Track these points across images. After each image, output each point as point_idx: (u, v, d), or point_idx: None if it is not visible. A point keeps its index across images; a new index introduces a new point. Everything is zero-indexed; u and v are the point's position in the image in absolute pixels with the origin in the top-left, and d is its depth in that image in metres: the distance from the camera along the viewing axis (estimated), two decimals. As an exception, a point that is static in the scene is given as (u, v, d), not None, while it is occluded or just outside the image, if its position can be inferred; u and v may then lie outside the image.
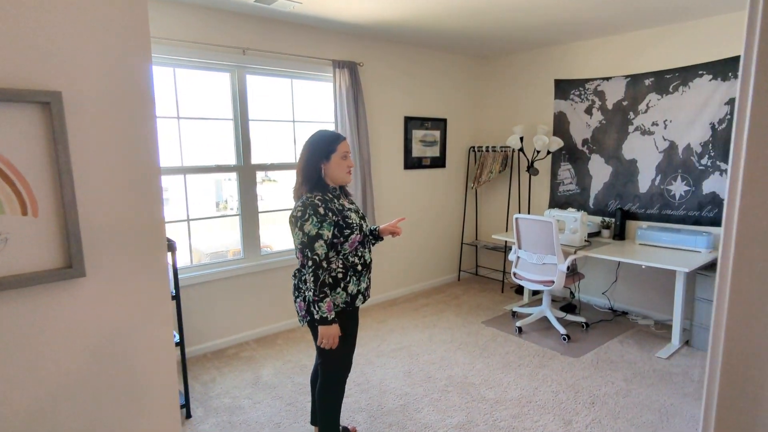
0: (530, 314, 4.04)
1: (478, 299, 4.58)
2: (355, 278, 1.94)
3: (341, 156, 1.92)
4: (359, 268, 1.95)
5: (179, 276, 3.30)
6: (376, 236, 2.12)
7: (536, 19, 3.51)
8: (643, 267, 3.82)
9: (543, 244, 3.57)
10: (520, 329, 3.76)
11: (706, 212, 3.58)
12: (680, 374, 3.02)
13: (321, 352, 1.98)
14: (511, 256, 3.91)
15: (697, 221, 3.63)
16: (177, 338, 2.62)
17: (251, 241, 3.69)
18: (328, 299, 1.82)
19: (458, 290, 4.86)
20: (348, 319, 1.99)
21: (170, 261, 2.55)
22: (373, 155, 4.30)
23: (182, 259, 3.41)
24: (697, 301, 3.34)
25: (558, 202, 4.56)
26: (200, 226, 3.53)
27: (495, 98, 5.01)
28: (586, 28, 3.77)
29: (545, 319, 3.98)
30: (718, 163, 3.48)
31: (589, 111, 4.21)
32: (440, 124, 4.85)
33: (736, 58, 3.31)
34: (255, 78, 3.61)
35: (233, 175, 3.60)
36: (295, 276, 1.97)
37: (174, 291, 2.60)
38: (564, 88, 4.38)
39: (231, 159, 3.57)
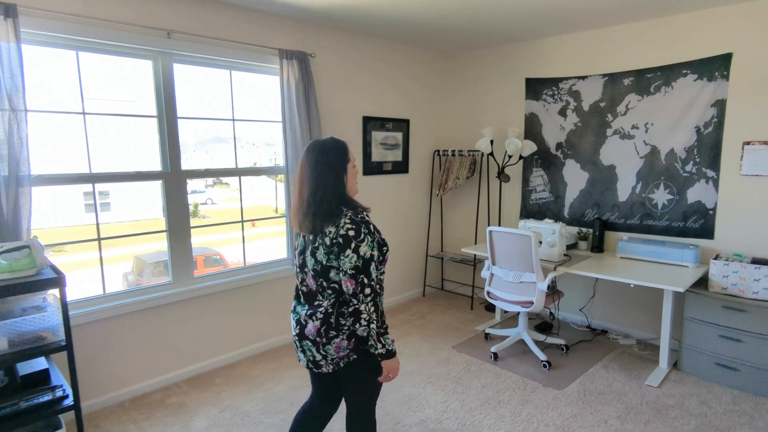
0: (505, 337, 3.65)
1: (445, 318, 4.15)
2: (381, 298, 1.68)
3: (353, 164, 1.74)
4: (383, 284, 1.72)
5: (85, 309, 2.65)
6: None
7: (506, 10, 3.12)
8: (632, 286, 3.51)
9: (520, 261, 3.18)
10: (495, 355, 3.36)
11: (691, 223, 3.31)
12: (676, 407, 2.70)
13: (360, 402, 1.76)
14: (484, 273, 3.50)
15: (682, 232, 3.35)
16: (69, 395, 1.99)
17: (182, 263, 3.08)
18: (390, 337, 1.65)
19: (423, 308, 4.42)
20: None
21: (59, 298, 1.93)
22: (328, 160, 3.78)
23: (94, 288, 2.75)
24: (686, 320, 3.05)
25: (530, 211, 4.21)
26: (130, 242, 2.88)
27: (462, 98, 4.61)
28: (560, 22, 3.43)
29: (522, 341, 3.60)
30: (703, 169, 3.21)
31: (563, 112, 3.88)
32: (402, 125, 4.40)
33: (725, 56, 3.05)
34: (184, 68, 3.01)
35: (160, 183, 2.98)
36: (329, 314, 1.64)
37: (65, 338, 1.98)
38: (536, 87, 4.04)
39: (155, 164, 2.95)
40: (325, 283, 1.63)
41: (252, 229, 3.46)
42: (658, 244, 3.28)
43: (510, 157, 4.10)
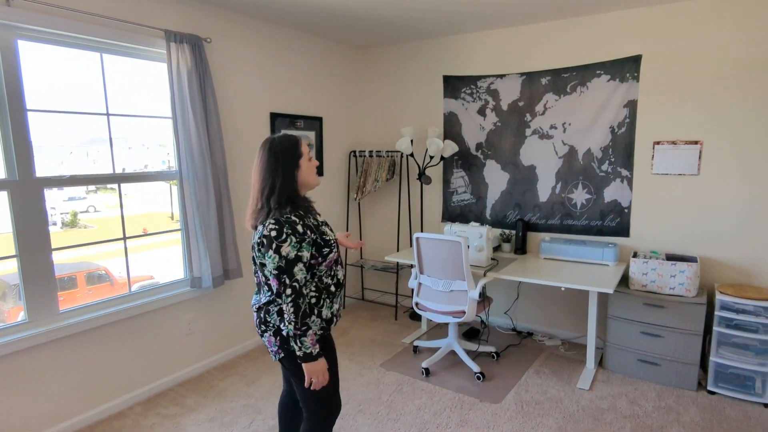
0: (435, 349, 3.44)
1: (370, 332, 3.84)
2: (328, 301, 1.73)
3: (308, 158, 1.71)
4: (333, 288, 1.74)
5: None
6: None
7: (423, 2, 2.91)
8: (563, 289, 3.50)
9: (449, 268, 2.98)
10: (427, 371, 3.12)
11: (608, 221, 3.37)
12: (610, 410, 2.66)
13: (305, 394, 1.74)
14: (411, 283, 3.26)
15: (600, 231, 3.40)
16: None
17: (41, 296, 2.40)
18: (310, 331, 1.61)
19: (345, 322, 4.07)
20: (327, 349, 1.76)
21: None
22: (230, 162, 3.28)
23: None
24: (610, 319, 3.07)
25: (452, 213, 4.06)
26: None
27: (379, 95, 4.34)
28: (477, 17, 3.29)
29: (453, 352, 3.41)
30: (618, 169, 3.28)
31: (482, 112, 3.78)
32: (315, 123, 4.01)
33: (635, 58, 3.12)
34: (34, 47, 2.35)
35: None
36: (260, 309, 1.72)
37: None
38: (454, 85, 3.89)
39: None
40: (263, 279, 1.69)
41: (145, 237, 2.90)
42: (579, 244, 3.29)
43: (431, 158, 3.91)
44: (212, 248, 2.99)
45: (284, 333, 1.61)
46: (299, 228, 1.59)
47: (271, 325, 1.69)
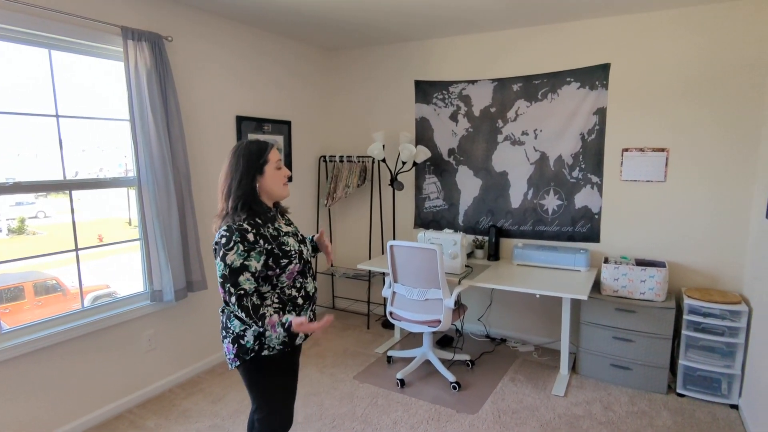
0: (410, 359, 3.37)
1: (342, 342, 3.73)
2: (294, 313, 1.70)
3: (275, 166, 1.69)
4: (300, 301, 1.72)
5: None
6: (314, 248, 1.94)
7: (395, 5, 2.84)
8: (538, 297, 3.50)
9: (424, 276, 2.92)
10: (402, 382, 3.04)
11: (579, 227, 3.40)
12: (585, 416, 2.66)
13: (256, 399, 1.75)
14: (385, 292, 3.18)
15: (571, 237, 3.43)
16: None
17: (-22, 317, 2.17)
18: (267, 318, 1.55)
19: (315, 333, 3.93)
20: (286, 363, 1.75)
21: None
22: (193, 168, 3.11)
23: None
24: (583, 325, 3.09)
25: (424, 220, 4.02)
26: None
27: (349, 99, 4.25)
28: (448, 23, 3.27)
29: (427, 361, 3.35)
30: (589, 175, 3.32)
31: (454, 117, 3.76)
32: (283, 127, 3.88)
33: (604, 66, 3.17)
34: (-28, 39, 2.13)
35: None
36: (223, 311, 1.72)
37: None
38: (426, 90, 3.85)
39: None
40: (221, 289, 1.62)
41: (100, 245, 2.69)
42: (551, 250, 3.30)
43: (404, 163, 3.85)
44: (174, 259, 2.81)
45: (254, 332, 1.65)
46: (250, 236, 1.57)
47: (231, 331, 1.67)
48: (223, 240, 1.56)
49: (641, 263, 3.05)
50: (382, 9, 3.00)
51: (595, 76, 3.20)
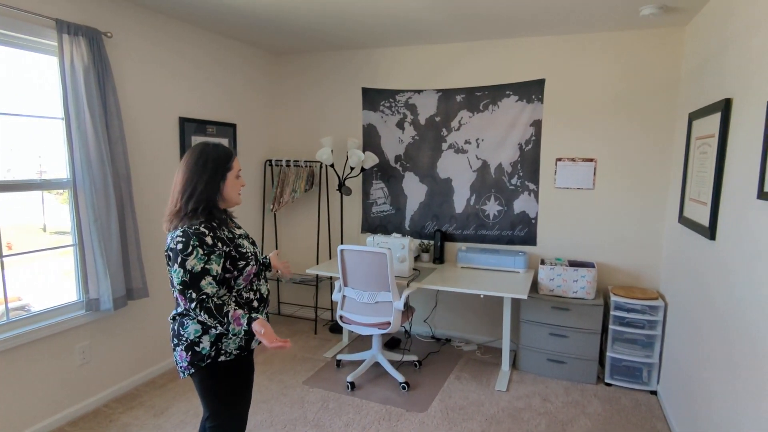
0: (359, 362, 3.40)
1: (290, 348, 3.70)
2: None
3: (236, 175, 1.70)
4: (255, 304, 1.73)
5: None
6: (267, 266, 1.91)
7: (343, 11, 2.91)
8: (482, 297, 3.66)
9: (374, 280, 2.98)
10: (352, 384, 3.07)
11: (517, 231, 3.62)
12: (526, 408, 2.84)
13: (210, 407, 1.71)
14: (336, 296, 3.20)
15: (511, 240, 3.64)
16: None
17: None
18: (231, 312, 1.54)
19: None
20: (242, 368, 1.73)
21: None
22: (134, 170, 2.97)
23: None
24: (522, 323, 3.29)
25: (372, 224, 4.08)
26: None
27: (297, 104, 4.24)
28: (396, 33, 3.38)
29: (377, 363, 3.40)
30: (526, 182, 3.54)
31: (401, 125, 3.87)
32: (228, 130, 3.80)
33: (539, 81, 3.41)
34: None
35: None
36: (174, 319, 1.67)
37: None
38: (373, 98, 3.94)
39: None
40: (180, 297, 1.57)
41: (14, 254, 2.42)
42: (492, 253, 3.49)
43: (352, 169, 3.90)
44: (113, 265, 2.66)
45: (217, 332, 1.63)
46: (208, 240, 1.56)
47: (184, 339, 1.63)
48: (180, 246, 1.53)
49: (574, 264, 3.30)
50: (331, 16, 3.04)
51: (532, 90, 3.44)
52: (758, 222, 1.67)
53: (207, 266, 1.54)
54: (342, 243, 4.16)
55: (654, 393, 3.02)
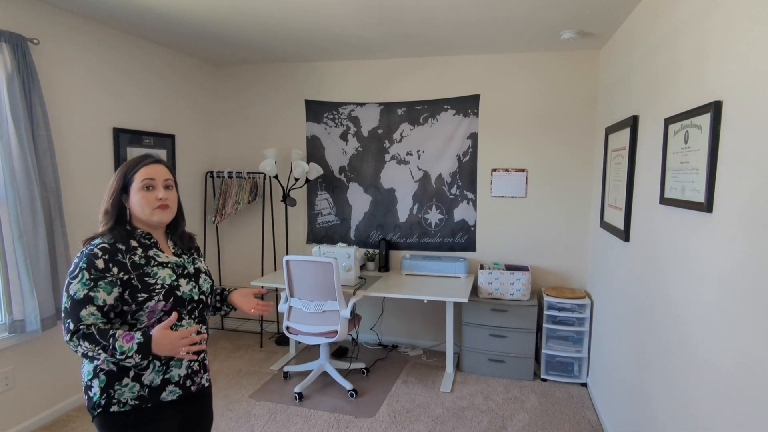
0: (307, 372, 3.40)
1: (235, 363, 3.62)
2: (158, 362, 1.39)
3: (142, 185, 1.41)
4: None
5: None
6: (222, 300, 1.68)
7: (286, 26, 2.97)
8: (425, 302, 3.77)
9: (321, 289, 3.01)
10: (300, 395, 3.07)
11: (458, 238, 3.79)
12: (469, 407, 2.97)
13: None
14: (282, 307, 3.19)
15: (452, 247, 3.80)
16: None
17: None
18: (119, 332, 1.29)
19: (207, 355, 3.76)
20: (145, 424, 1.38)
21: None
22: (65, 183, 2.82)
23: None
24: (464, 325, 3.44)
25: (317, 235, 4.11)
26: None
27: (239, 115, 4.20)
28: (337, 47, 3.47)
29: (325, 373, 3.41)
30: (465, 192, 3.73)
31: (344, 137, 3.95)
32: (166, 141, 3.70)
33: (475, 97, 3.62)
34: None
35: None
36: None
37: None
38: (316, 110, 3.99)
39: None
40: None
41: None
42: (435, 260, 3.63)
43: (296, 180, 3.92)
44: (41, 284, 2.51)
45: (100, 383, 1.35)
46: (99, 263, 1.32)
47: (86, 378, 1.38)
48: (72, 266, 1.34)
49: (510, 268, 3.51)
50: (273, 29, 3.08)
51: (468, 104, 3.65)
52: (660, 225, 1.90)
53: (91, 293, 1.31)
54: (288, 254, 4.15)
55: (584, 385, 3.26)
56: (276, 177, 3.92)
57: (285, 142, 4.10)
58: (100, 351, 1.27)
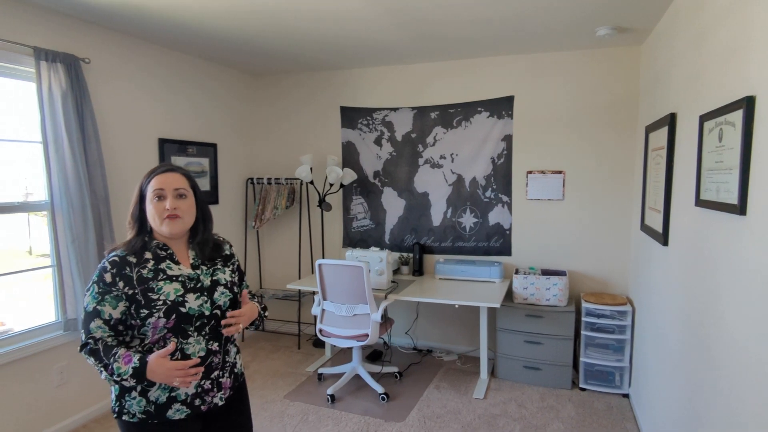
0: (340, 374, 3.44)
1: (272, 364, 3.73)
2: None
3: (153, 196, 1.38)
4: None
5: None
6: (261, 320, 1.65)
7: (316, 36, 3.03)
8: (457, 307, 3.74)
9: (352, 293, 3.05)
10: (332, 397, 3.12)
11: (493, 242, 3.72)
12: (502, 415, 2.90)
13: None
14: (315, 310, 3.26)
15: (487, 251, 3.74)
16: None
17: None
18: (121, 351, 1.30)
19: (246, 356, 3.90)
20: None
21: None
22: (113, 191, 3.02)
23: None
24: (499, 331, 3.36)
25: (353, 239, 4.16)
26: None
27: (277, 123, 4.34)
28: (371, 54, 3.51)
29: (357, 376, 3.44)
30: (500, 195, 3.66)
31: (378, 142, 3.98)
32: (209, 150, 3.88)
33: (509, 98, 3.55)
34: None
35: None
36: None
37: None
38: (351, 116, 4.05)
39: None
40: None
41: (13, 272, 2.49)
42: (469, 264, 3.58)
43: (331, 185, 3.99)
44: (92, 285, 2.70)
45: (115, 390, 1.39)
46: (107, 277, 1.33)
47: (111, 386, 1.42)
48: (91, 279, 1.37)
49: (546, 273, 3.40)
50: (305, 40, 3.16)
51: (502, 106, 3.58)
52: (697, 228, 1.79)
53: (99, 307, 1.32)
54: (323, 258, 4.23)
55: (626, 396, 3.10)
56: (312, 183, 4.01)
57: (321, 149, 4.19)
58: (102, 368, 1.29)
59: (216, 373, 1.46)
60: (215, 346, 1.45)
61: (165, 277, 1.39)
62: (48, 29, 2.62)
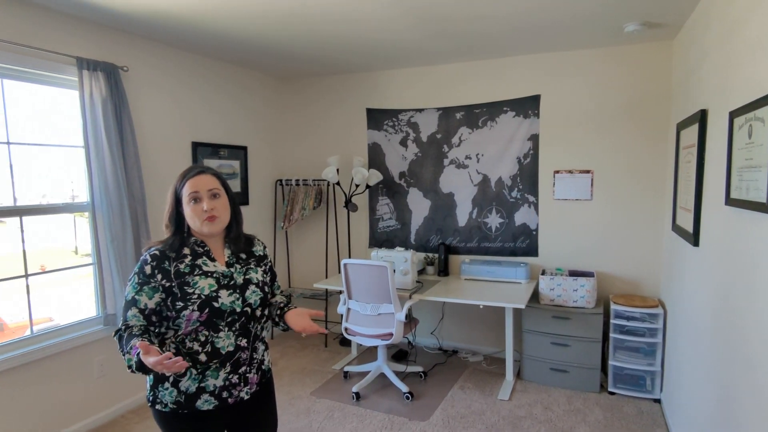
0: (365, 373, 3.49)
1: (300, 361, 3.81)
2: (194, 371, 1.43)
3: (189, 199, 1.44)
4: (203, 358, 1.43)
5: None
6: (281, 316, 1.61)
7: (342, 40, 3.08)
8: (481, 307, 3.73)
9: (377, 292, 3.08)
10: (357, 395, 3.16)
11: (519, 243, 3.68)
12: (527, 417, 2.87)
13: None
14: (341, 309, 3.31)
15: (513, 252, 3.71)
16: None
17: None
18: (138, 340, 1.27)
19: (274, 353, 4.00)
20: (181, 427, 1.46)
21: None
22: (149, 193, 3.17)
23: None
24: (525, 332, 3.33)
25: (378, 239, 4.20)
26: None
27: (304, 125, 4.43)
28: (395, 57, 3.54)
29: (383, 374, 3.48)
30: (526, 195, 3.62)
31: (404, 143, 4.01)
32: (239, 152, 4.00)
33: (535, 97, 3.51)
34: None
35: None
36: None
37: None
38: (377, 117, 4.10)
39: None
40: None
41: (43, 275, 2.64)
42: (495, 265, 3.55)
43: (357, 186, 4.04)
44: (129, 282, 2.84)
45: (149, 380, 1.46)
46: (147, 269, 1.40)
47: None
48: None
49: (573, 274, 3.34)
50: (332, 44, 3.23)
51: (528, 106, 3.54)
52: (727, 228, 1.73)
53: (137, 296, 1.39)
54: (350, 258, 4.29)
55: (657, 401, 3.02)
56: (338, 183, 4.07)
57: (347, 150, 4.25)
58: (124, 355, 1.32)
59: (243, 368, 1.51)
60: (244, 342, 1.50)
61: (201, 272, 1.45)
62: (89, 40, 2.77)
